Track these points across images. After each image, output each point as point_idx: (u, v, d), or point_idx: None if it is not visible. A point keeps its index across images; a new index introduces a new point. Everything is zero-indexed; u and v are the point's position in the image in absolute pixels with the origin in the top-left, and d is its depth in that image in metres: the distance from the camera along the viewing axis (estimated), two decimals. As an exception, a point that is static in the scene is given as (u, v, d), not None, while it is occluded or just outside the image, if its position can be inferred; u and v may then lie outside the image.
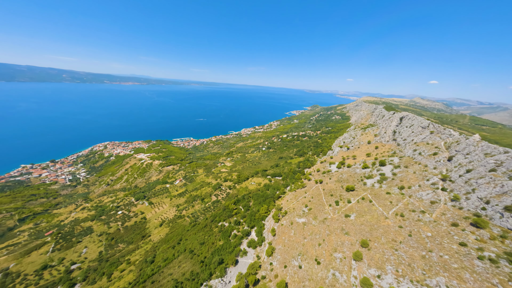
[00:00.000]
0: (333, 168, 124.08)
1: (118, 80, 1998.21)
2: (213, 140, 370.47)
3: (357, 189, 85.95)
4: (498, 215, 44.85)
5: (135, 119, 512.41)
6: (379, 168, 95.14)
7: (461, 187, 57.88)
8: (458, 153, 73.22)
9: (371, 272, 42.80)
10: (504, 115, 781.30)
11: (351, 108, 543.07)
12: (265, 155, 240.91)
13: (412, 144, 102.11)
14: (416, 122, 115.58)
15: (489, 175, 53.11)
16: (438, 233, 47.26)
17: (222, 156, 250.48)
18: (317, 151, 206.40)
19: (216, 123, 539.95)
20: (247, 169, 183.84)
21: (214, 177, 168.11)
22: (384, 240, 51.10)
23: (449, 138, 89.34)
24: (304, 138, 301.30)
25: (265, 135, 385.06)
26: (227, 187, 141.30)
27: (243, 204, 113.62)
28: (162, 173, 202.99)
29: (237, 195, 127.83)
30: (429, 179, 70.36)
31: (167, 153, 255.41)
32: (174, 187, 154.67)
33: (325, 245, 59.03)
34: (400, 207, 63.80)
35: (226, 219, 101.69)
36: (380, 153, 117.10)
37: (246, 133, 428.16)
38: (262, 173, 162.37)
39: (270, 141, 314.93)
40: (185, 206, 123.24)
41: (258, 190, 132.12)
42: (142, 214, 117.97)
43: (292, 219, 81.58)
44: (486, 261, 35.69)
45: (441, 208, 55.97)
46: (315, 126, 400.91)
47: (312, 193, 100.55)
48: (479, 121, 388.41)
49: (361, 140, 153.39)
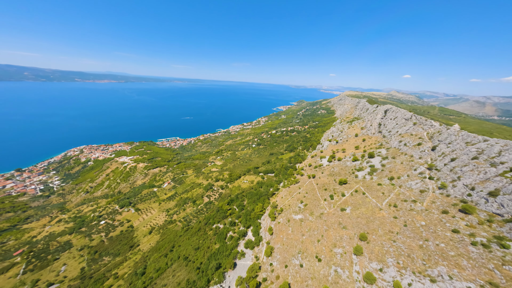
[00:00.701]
0: (324, 162, 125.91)
1: (91, 78, 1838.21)
2: (201, 139, 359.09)
3: (350, 182, 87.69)
4: (483, 201, 47.61)
5: (114, 120, 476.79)
6: (369, 160, 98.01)
7: (447, 175, 60.97)
8: (440, 142, 77.39)
9: (372, 266, 43.16)
10: (466, 105, 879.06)
11: (335, 102, 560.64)
12: (255, 152, 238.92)
13: (397, 136, 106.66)
14: (399, 114, 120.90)
15: (472, 163, 56.42)
16: (431, 221, 49.11)
17: (211, 155, 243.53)
18: (307, 145, 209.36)
19: (203, 121, 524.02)
20: (238, 167, 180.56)
21: (204, 177, 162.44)
22: (381, 232, 52.05)
23: (430, 129, 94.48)
24: (293, 133, 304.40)
25: (254, 131, 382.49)
26: (219, 187, 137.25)
27: (237, 203, 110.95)
28: (148, 176, 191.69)
29: (230, 194, 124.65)
30: (416, 168, 73.56)
31: (152, 155, 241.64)
32: (163, 191, 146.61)
33: (324, 241, 58.96)
34: (392, 197, 65.85)
35: (220, 221, 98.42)
36: (368, 145, 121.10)
37: (235, 130, 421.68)
38: (254, 171, 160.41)
39: (259, 137, 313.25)
40: (176, 210, 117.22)
41: (252, 188, 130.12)
42: (128, 222, 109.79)
43: (288, 216, 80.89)
44: (479, 247, 37.46)
45: (431, 197, 58.56)
46: (302, 121, 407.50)
47: (306, 188, 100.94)
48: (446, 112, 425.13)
49: (349, 133, 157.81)
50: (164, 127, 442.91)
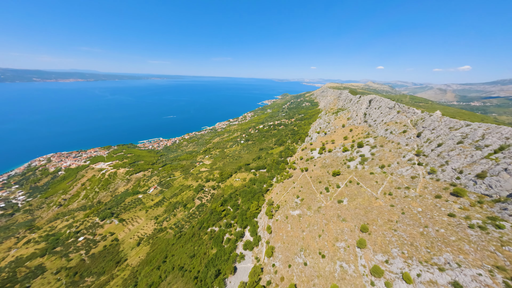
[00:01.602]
0: (315, 154, 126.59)
1: (53, 76, 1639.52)
2: (187, 138, 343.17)
3: (343, 173, 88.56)
4: (471, 183, 49.84)
5: (85, 123, 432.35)
6: (358, 150, 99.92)
7: (435, 160, 63.42)
8: (425, 129, 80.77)
9: (378, 258, 42.96)
10: (431, 93, 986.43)
11: (318, 94, 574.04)
12: (244, 148, 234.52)
13: (383, 124, 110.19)
14: (383, 104, 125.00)
15: (458, 147, 59.08)
16: (426, 207, 50.41)
17: (199, 154, 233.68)
18: (295, 138, 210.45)
19: (187, 119, 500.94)
20: (228, 165, 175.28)
21: (194, 178, 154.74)
22: (381, 222, 52.41)
23: (413, 116, 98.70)
24: (280, 127, 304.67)
25: (241, 127, 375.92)
26: (211, 187, 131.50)
27: (231, 203, 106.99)
28: (131, 182, 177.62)
29: (223, 194, 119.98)
30: (405, 155, 76.02)
31: (133, 159, 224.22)
32: (149, 197, 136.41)
33: (326, 236, 58.23)
34: (386, 185, 67.22)
35: (215, 223, 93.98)
36: (355, 135, 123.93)
37: (221, 127, 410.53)
38: (245, 168, 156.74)
39: (247, 133, 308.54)
40: (166, 217, 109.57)
41: (244, 186, 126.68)
42: (112, 236, 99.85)
43: (286, 212, 79.36)
44: (477, 229, 38.77)
45: (422, 182, 60.55)
46: (288, 114, 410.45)
47: (300, 182, 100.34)
48: (416, 99, 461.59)
49: (336, 124, 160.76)
50: (144, 127, 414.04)
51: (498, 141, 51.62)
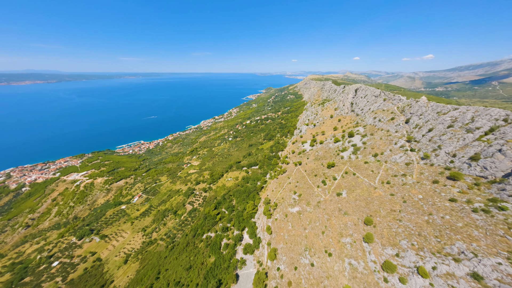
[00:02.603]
0: (307, 147, 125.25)
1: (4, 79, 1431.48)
2: (170, 139, 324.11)
3: (338, 164, 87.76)
4: (466, 166, 50.63)
5: (50, 131, 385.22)
6: (350, 140, 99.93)
7: (427, 145, 64.27)
8: (412, 115, 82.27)
9: (388, 252, 41.60)
10: (402, 80, 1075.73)
11: (301, 86, 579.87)
12: (233, 145, 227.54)
13: (371, 113, 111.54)
14: (369, 92, 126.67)
15: (449, 131, 60.13)
16: (426, 193, 50.35)
17: (186, 156, 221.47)
18: (284, 132, 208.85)
19: (170, 119, 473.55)
20: (218, 165, 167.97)
21: (182, 181, 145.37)
22: (384, 213, 51.47)
23: (399, 103, 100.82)
24: (267, 121, 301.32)
25: (227, 124, 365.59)
26: (202, 190, 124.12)
27: (226, 205, 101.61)
28: (112, 192, 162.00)
29: (216, 196, 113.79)
30: (396, 142, 76.78)
31: (112, 166, 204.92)
32: (134, 207, 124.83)
33: (329, 232, 56.26)
34: (382, 174, 67.09)
35: (210, 229, 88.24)
36: (344, 125, 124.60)
37: (207, 125, 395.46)
38: (236, 166, 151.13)
39: (234, 129, 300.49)
40: (155, 227, 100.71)
41: (238, 185, 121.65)
42: (93, 256, 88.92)
43: (285, 210, 76.45)
44: (481, 213, 38.82)
45: (417, 168, 61.03)
46: (274, 108, 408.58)
47: (296, 177, 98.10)
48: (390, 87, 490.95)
49: (324, 115, 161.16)
50: (122, 131, 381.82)
51: (488, 123, 52.92)
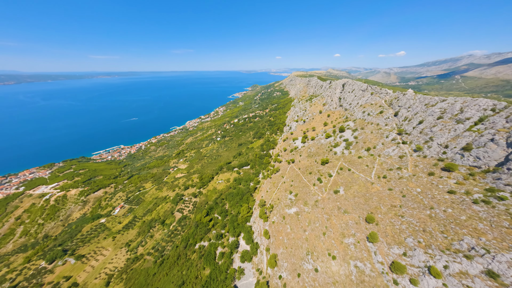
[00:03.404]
0: (298, 144, 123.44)
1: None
2: (154, 142, 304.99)
3: (331, 160, 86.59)
4: (458, 156, 51.14)
5: (9, 139, 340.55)
6: (341, 135, 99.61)
7: (418, 138, 64.84)
8: (401, 108, 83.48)
9: (394, 251, 39.96)
10: (379, 76, 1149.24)
11: (287, 83, 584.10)
12: (222, 145, 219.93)
13: (359, 107, 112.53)
14: (356, 87, 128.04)
15: (440, 122, 60.97)
16: (424, 186, 50.00)
17: (172, 159, 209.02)
18: (274, 129, 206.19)
19: (152, 120, 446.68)
20: (208, 167, 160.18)
21: (169, 187, 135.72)
22: (384, 209, 50.23)
23: (387, 96, 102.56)
24: (255, 119, 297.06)
25: (214, 123, 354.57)
26: (191, 195, 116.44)
27: (218, 210, 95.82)
28: (89, 204, 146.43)
29: (207, 201, 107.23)
30: (388, 135, 77.21)
31: (88, 175, 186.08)
32: (115, 219, 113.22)
33: (331, 233, 53.94)
34: (377, 168, 66.60)
35: (203, 237, 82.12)
36: (334, 120, 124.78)
37: (193, 126, 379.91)
38: (227, 167, 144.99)
39: (222, 129, 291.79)
40: (140, 241, 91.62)
41: (230, 187, 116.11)
42: (68, 281, 77.88)
43: (282, 212, 73.18)
44: (482, 204, 38.63)
45: (411, 161, 61.17)
46: (261, 105, 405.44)
47: (290, 176, 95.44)
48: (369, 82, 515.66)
49: (313, 111, 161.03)
50: (99, 136, 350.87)
51: (477, 113, 54.01)
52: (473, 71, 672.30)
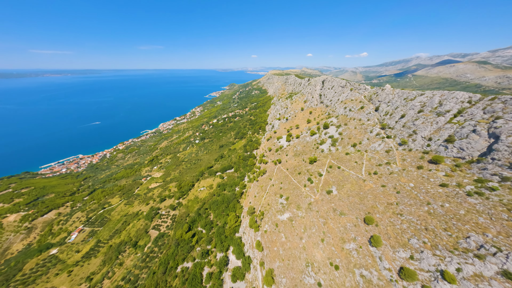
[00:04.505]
0: (283, 143, 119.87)
1: None
2: (121, 148, 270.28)
3: (320, 158, 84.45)
4: (442, 148, 52.36)
5: None
6: (326, 132, 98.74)
7: (402, 131, 65.98)
8: (381, 103, 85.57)
9: (400, 255, 37.50)
10: (347, 75, 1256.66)
11: (265, 82, 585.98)
12: (201, 148, 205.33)
13: (340, 103, 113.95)
14: (335, 83, 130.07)
15: (421, 116, 62.63)
16: (416, 180, 49.69)
17: (144, 167, 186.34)
18: (256, 128, 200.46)
19: (118, 124, 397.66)
20: (187, 173, 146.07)
21: (142, 201, 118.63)
22: (381, 208, 48.38)
23: (365, 92, 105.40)
24: (235, 118, 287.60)
25: (191, 125, 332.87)
26: (169, 208, 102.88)
27: (202, 223, 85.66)
28: (36, 231, 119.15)
29: (188, 213, 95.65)
30: (372, 130, 77.97)
31: (34, 194, 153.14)
32: (71, 248, 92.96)
33: (329, 239, 50.18)
34: (367, 164, 65.88)
35: (186, 257, 71.53)
36: (316, 116, 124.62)
37: (167, 128, 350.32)
38: (209, 172, 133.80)
39: (201, 130, 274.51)
40: (106, 271, 75.75)
41: (213, 195, 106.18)
42: None
43: (273, 219, 67.53)
44: (476, 196, 38.69)
45: (398, 155, 61.58)
46: (240, 104, 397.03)
47: (278, 177, 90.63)
48: None
49: (294, 108, 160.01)
50: (49, 145, 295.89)
51: (455, 105, 56.26)
52: (420, 71, 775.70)
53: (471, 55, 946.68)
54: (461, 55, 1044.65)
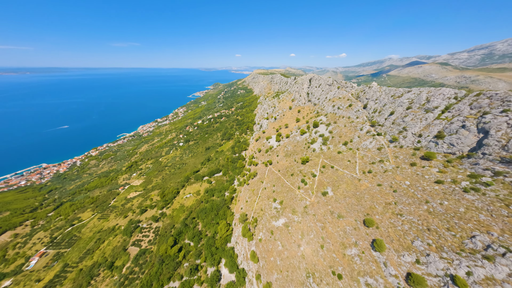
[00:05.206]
0: (273, 143, 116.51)
1: None
2: (95, 154, 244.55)
3: (312, 158, 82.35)
4: (432, 144, 52.82)
5: None
6: (316, 130, 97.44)
7: (391, 128, 66.27)
8: (369, 100, 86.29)
9: (406, 260, 35.65)
10: (328, 75, 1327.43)
11: (250, 81, 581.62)
12: (186, 151, 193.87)
13: (328, 101, 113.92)
14: (322, 82, 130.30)
15: (410, 112, 63.27)
16: (411, 178, 49.17)
17: (121, 174, 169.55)
18: (243, 128, 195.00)
19: (90, 128, 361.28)
20: (171, 179, 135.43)
21: (119, 213, 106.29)
22: (380, 208, 46.85)
23: (353, 90, 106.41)
24: (221, 119, 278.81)
25: (175, 126, 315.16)
26: (151, 219, 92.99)
27: (190, 234, 78.21)
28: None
29: (173, 225, 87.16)
30: (362, 128, 77.89)
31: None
32: (30, 276, 78.54)
33: (329, 245, 47.35)
34: (360, 163, 64.92)
35: (172, 276, 63.96)
36: (305, 115, 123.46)
37: (148, 131, 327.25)
38: (195, 177, 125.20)
39: (185, 132, 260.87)
40: (76, 301, 64.51)
41: (201, 202, 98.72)
42: None
43: (268, 226, 63.25)
44: (472, 192, 38.53)
45: (390, 152, 61.43)
46: (226, 104, 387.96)
47: (270, 180, 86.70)
48: None
49: (282, 107, 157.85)
50: (3, 155, 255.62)
51: (443, 102, 57.35)
52: (393, 71, 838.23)
53: (434, 57, 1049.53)
54: (426, 57, 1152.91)
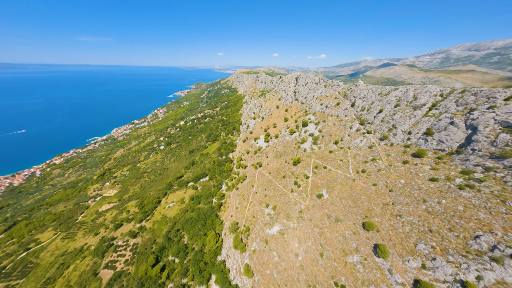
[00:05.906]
0: (261, 143, 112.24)
1: None
2: (58, 162, 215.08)
3: (303, 159, 79.75)
4: (422, 141, 53.26)
5: None
6: (306, 129, 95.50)
7: (381, 126, 66.36)
8: (356, 98, 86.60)
9: (411, 265, 33.82)
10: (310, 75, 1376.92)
11: (234, 80, 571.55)
12: (168, 155, 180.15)
13: (315, 100, 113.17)
14: (309, 80, 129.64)
15: (399, 110, 63.74)
16: (406, 176, 48.60)
17: (92, 184, 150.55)
18: (229, 129, 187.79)
19: (52, 133, 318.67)
20: (150, 187, 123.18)
21: (89, 230, 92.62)
22: (378, 210, 45.24)
23: (339, 88, 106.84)
24: (206, 119, 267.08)
25: (154, 128, 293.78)
26: (128, 235, 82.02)
27: (174, 249, 69.99)
28: None
29: (155, 239, 77.70)
30: (351, 126, 77.45)
31: None
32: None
33: (329, 252, 44.36)
34: (353, 162, 63.74)
35: (154, 301, 55.57)
36: (293, 114, 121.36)
37: (123, 134, 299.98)
38: (179, 183, 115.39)
39: (166, 134, 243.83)
40: None
41: (186, 211, 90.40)
42: None
43: (262, 234, 58.57)
44: (468, 190, 38.43)
45: (381, 150, 61.12)
46: (210, 104, 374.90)
47: (261, 183, 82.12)
48: None
49: (269, 106, 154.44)
50: None
51: (430, 99, 58.34)
52: (368, 72, 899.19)
53: (403, 59, 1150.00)
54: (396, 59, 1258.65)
